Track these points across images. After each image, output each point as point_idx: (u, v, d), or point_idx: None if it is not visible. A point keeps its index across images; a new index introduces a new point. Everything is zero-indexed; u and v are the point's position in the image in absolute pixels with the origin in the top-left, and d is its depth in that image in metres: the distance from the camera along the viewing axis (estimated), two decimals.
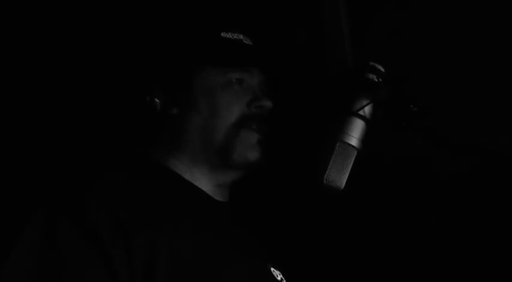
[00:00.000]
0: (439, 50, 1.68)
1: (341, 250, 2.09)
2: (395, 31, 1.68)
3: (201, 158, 1.32)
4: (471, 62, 1.71)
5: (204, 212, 1.28)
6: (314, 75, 1.65)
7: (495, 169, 1.80)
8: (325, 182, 1.23)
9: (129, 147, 1.47)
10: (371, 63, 1.28)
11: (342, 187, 1.24)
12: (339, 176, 1.23)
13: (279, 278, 1.31)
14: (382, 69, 1.28)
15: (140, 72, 1.53)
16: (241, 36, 1.40)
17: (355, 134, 1.25)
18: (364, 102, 1.26)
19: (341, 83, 1.34)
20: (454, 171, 1.99)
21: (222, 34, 1.38)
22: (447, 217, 2.02)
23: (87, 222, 1.08)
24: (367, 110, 1.27)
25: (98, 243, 1.06)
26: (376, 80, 1.27)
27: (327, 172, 1.23)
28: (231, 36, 1.39)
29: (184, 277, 1.09)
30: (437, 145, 1.32)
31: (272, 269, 1.31)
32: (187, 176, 1.32)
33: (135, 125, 1.46)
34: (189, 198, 1.29)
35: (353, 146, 1.24)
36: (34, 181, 1.83)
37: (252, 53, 1.42)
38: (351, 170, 1.25)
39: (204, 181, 1.33)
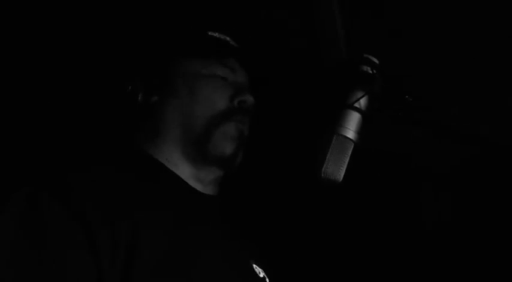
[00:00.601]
0: (432, 39, 1.68)
1: (329, 249, 2.09)
2: (387, 20, 1.68)
3: (180, 147, 1.30)
4: (463, 51, 1.71)
5: (186, 204, 1.25)
6: (309, 70, 1.65)
7: (493, 160, 1.81)
8: (323, 175, 1.23)
9: (113, 136, 1.46)
10: (365, 55, 1.29)
11: (340, 180, 1.24)
12: (337, 169, 1.23)
13: (261, 275, 1.29)
14: (377, 61, 1.28)
15: (123, 62, 1.53)
16: (228, 38, 1.41)
17: (351, 126, 1.25)
18: (360, 94, 1.26)
19: (336, 76, 1.34)
20: (451, 163, 2.00)
21: (209, 33, 1.39)
22: (438, 216, 2.03)
23: (72, 202, 1.05)
24: (362, 103, 1.27)
25: (82, 223, 1.03)
26: (371, 72, 1.27)
27: (324, 165, 1.23)
28: (217, 36, 1.39)
29: (162, 268, 1.06)
30: (435, 135, 1.32)
31: (254, 265, 1.29)
32: (168, 165, 1.30)
33: (118, 114, 1.45)
34: (171, 189, 1.26)
35: (350, 139, 1.24)
36: (15, 170, 1.82)
37: (237, 53, 1.41)
38: (349, 164, 1.25)
39: (186, 171, 1.31)
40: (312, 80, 1.65)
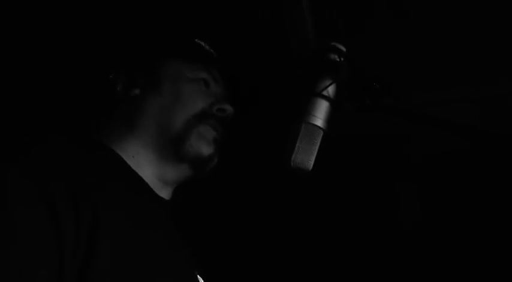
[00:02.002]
0: (401, 23, 1.70)
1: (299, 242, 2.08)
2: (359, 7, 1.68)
3: (153, 143, 1.29)
4: (434, 35, 1.72)
5: (142, 204, 1.23)
6: (277, 59, 1.65)
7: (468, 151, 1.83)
8: (292, 164, 1.23)
9: (78, 119, 1.43)
10: (332, 43, 1.28)
11: (310, 168, 1.23)
12: (306, 157, 1.23)
13: None
14: (344, 49, 1.28)
15: (109, 50, 1.52)
16: (212, 50, 1.43)
17: (319, 114, 1.25)
18: (328, 82, 1.26)
19: (303, 64, 1.33)
20: (424, 152, 2.01)
21: (196, 40, 1.42)
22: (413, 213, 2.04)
23: (34, 175, 1.03)
24: (330, 90, 1.26)
25: (46, 195, 1.01)
26: (338, 60, 1.27)
27: (293, 154, 1.23)
28: (204, 45, 1.43)
29: (118, 268, 1.04)
30: (405, 121, 1.33)
31: (198, 276, 1.28)
32: (131, 162, 1.27)
33: (89, 101, 1.44)
34: (129, 184, 1.24)
35: (318, 127, 1.24)
36: None
37: (219, 64, 1.44)
38: (318, 152, 1.25)
39: (148, 171, 1.29)
40: (279, 69, 1.64)
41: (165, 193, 1.33)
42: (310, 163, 1.23)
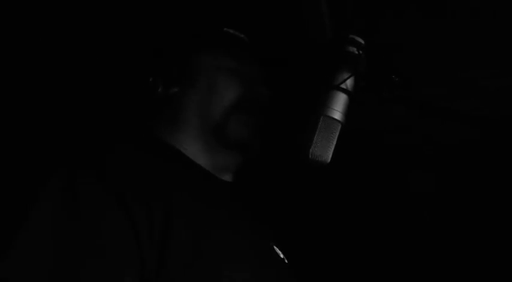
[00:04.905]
0: (420, 17, 1.69)
1: (335, 231, 2.10)
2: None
3: (199, 136, 1.34)
4: (452, 28, 1.72)
5: (209, 189, 1.29)
6: (294, 51, 1.65)
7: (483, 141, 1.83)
8: (310, 156, 1.23)
9: (133, 127, 1.49)
10: (351, 35, 1.28)
11: (328, 161, 1.24)
12: (325, 150, 1.23)
13: (281, 256, 1.33)
14: (362, 42, 1.28)
15: (144, 55, 1.55)
16: (242, 35, 1.46)
17: (338, 107, 1.25)
18: (346, 75, 1.26)
19: (321, 57, 1.33)
20: (436, 143, 2.01)
21: (224, 29, 1.45)
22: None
23: (108, 181, 1.08)
24: (349, 83, 1.26)
25: (121, 201, 1.06)
26: (357, 53, 1.26)
27: (312, 147, 1.23)
28: (233, 32, 1.45)
29: (195, 252, 1.09)
30: (422, 114, 1.33)
31: (275, 247, 1.33)
32: (188, 154, 1.33)
33: (138, 105, 1.48)
34: (193, 174, 1.30)
35: (337, 120, 1.24)
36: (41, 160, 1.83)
37: (253, 49, 1.47)
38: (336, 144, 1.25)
39: (204, 160, 1.34)
40: (297, 62, 1.64)
41: (226, 177, 1.39)
42: (329, 156, 1.24)
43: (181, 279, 1.05)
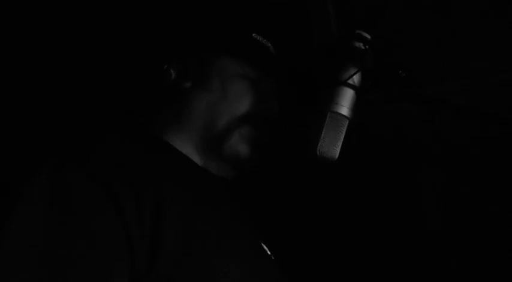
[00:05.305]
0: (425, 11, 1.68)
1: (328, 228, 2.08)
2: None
3: (197, 139, 1.32)
4: (459, 23, 1.71)
5: (200, 182, 1.27)
6: (300, 47, 1.64)
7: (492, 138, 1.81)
8: (318, 153, 1.22)
9: (131, 113, 1.46)
10: (357, 31, 1.27)
11: (336, 157, 1.23)
12: (332, 146, 1.22)
13: (269, 253, 1.31)
14: (369, 37, 1.27)
15: (165, 41, 1.53)
16: (269, 44, 1.43)
17: (345, 103, 1.24)
18: (352, 71, 1.25)
19: (328, 53, 1.32)
20: (445, 141, 2.00)
21: (253, 35, 1.41)
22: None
23: (96, 172, 1.07)
24: (356, 79, 1.26)
25: (109, 193, 1.04)
26: (363, 48, 1.26)
27: (319, 143, 1.22)
28: (261, 40, 1.42)
29: (186, 239, 1.07)
30: (430, 110, 1.32)
31: (262, 244, 1.31)
32: (183, 151, 1.31)
33: (143, 91, 1.46)
34: (186, 167, 1.28)
35: (344, 116, 1.23)
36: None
37: (276, 62, 1.43)
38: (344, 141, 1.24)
39: (198, 162, 1.32)
40: (303, 58, 1.63)
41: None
42: (336, 152, 1.23)
43: (173, 271, 1.04)
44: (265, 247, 1.30)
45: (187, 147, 1.32)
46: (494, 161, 1.96)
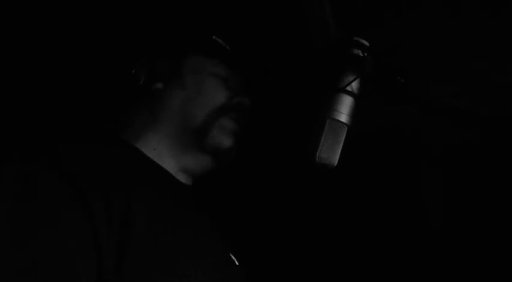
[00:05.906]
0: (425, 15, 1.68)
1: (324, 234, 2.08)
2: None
3: (175, 135, 1.33)
4: (459, 26, 1.71)
5: (167, 187, 1.28)
6: (298, 54, 1.65)
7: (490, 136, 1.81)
8: (317, 160, 1.23)
9: (97, 120, 1.46)
10: (355, 38, 1.28)
11: (335, 164, 1.24)
12: (331, 153, 1.23)
13: (237, 264, 1.31)
14: (367, 44, 1.28)
15: (130, 45, 1.54)
16: (228, 47, 1.47)
17: (344, 110, 1.25)
18: (351, 77, 1.26)
19: (326, 59, 1.33)
20: (444, 142, 2.00)
21: (214, 37, 1.46)
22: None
23: (63, 170, 1.06)
24: (354, 85, 1.26)
25: (78, 193, 1.04)
26: (362, 55, 1.26)
27: (318, 150, 1.23)
28: (221, 42, 1.46)
29: (154, 241, 1.08)
30: (430, 114, 1.32)
31: (230, 254, 1.31)
32: (152, 155, 1.31)
33: (111, 97, 1.46)
34: (153, 173, 1.28)
35: (343, 123, 1.24)
36: None
37: (237, 60, 1.47)
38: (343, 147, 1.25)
39: (169, 162, 1.32)
40: (301, 64, 1.64)
41: (188, 181, 1.38)
42: (335, 159, 1.24)
43: (140, 272, 1.04)
44: (233, 257, 1.31)
45: (162, 147, 1.32)
46: (494, 161, 1.96)
